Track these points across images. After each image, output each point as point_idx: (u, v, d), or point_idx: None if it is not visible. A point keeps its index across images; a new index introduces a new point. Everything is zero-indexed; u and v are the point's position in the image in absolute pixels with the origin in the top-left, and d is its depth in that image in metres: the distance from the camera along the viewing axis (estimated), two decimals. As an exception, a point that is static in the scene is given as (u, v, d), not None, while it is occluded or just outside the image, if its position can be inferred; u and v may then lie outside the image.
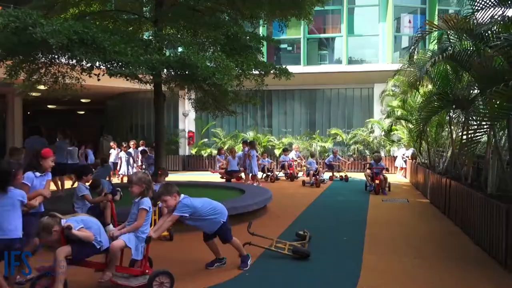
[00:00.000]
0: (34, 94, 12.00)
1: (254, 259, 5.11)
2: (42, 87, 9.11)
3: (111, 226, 5.77)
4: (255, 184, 11.96)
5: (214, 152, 18.18)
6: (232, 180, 12.71)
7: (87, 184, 6.01)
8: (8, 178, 3.75)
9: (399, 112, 13.90)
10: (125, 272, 4.08)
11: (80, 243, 3.76)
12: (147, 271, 4.07)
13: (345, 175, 14.30)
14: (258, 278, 4.53)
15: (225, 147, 16.97)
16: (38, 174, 4.45)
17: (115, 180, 12.73)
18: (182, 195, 4.39)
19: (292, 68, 9.63)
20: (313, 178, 12.65)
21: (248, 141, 13.77)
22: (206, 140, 19.27)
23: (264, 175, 14.46)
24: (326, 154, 17.03)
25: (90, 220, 3.99)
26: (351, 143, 17.87)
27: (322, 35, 18.66)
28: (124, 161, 13.22)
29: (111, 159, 13.84)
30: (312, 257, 5.12)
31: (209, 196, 6.64)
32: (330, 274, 4.65)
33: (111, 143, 14.67)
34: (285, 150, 15.41)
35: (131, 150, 13.84)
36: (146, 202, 4.14)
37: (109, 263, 3.98)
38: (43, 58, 7.32)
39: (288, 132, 19.23)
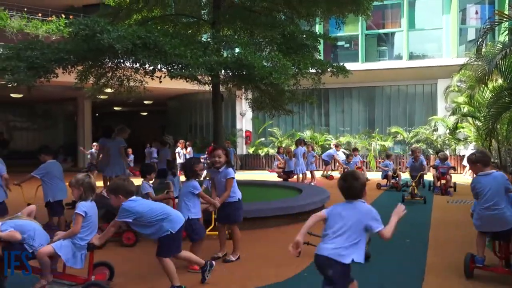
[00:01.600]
0: (101, 97, 12.75)
1: (312, 259, 5.06)
2: (109, 90, 9.63)
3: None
4: (312, 183, 11.89)
5: (271, 151, 18.27)
6: (289, 179, 12.70)
7: (150, 182, 6.26)
8: (187, 170, 4.73)
9: (465, 109, 13.18)
10: (67, 280, 3.89)
11: (9, 246, 3.69)
12: (93, 279, 3.89)
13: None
14: (317, 278, 4.48)
15: (283, 146, 16.99)
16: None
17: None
18: (133, 197, 3.92)
19: (350, 66, 9.43)
20: (392, 181, 11.43)
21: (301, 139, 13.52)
22: (263, 139, 19.41)
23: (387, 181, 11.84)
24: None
25: (27, 224, 3.90)
26: (412, 142, 17.15)
27: (381, 31, 18.09)
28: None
29: (179, 160, 13.78)
30: (373, 259, 4.98)
31: (266, 195, 6.63)
32: (392, 277, 4.50)
33: (180, 142, 14.64)
34: (355, 150, 14.02)
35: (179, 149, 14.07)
36: (81, 207, 3.85)
37: (42, 271, 3.77)
38: (110, 63, 7.73)
39: (346, 131, 18.86)
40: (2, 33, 13.28)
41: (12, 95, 16.16)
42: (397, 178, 11.54)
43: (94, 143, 13.80)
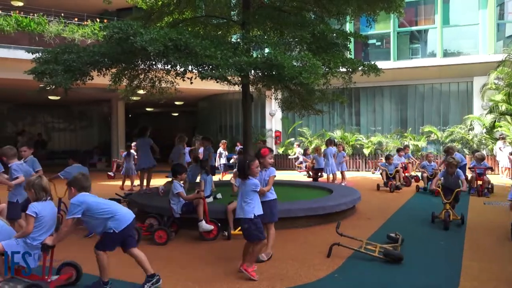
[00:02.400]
0: (134, 98, 13.03)
1: (343, 260, 5.02)
2: (141, 91, 9.85)
3: (203, 222, 6.06)
4: (343, 184, 11.75)
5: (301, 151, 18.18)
6: (319, 179, 12.60)
7: (181, 182, 6.36)
8: (245, 169, 4.58)
9: (503, 107, 12.72)
10: (24, 278, 3.93)
11: None
12: (51, 279, 3.97)
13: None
14: (347, 279, 4.44)
15: (311, 146, 16.88)
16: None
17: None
18: (84, 193, 4.01)
19: (381, 64, 9.28)
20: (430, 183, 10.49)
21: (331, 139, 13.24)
22: (292, 139, 19.33)
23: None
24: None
25: None
26: (447, 142, 16.66)
27: (414, 28, 17.68)
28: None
29: (222, 161, 13.73)
30: (405, 261, 4.88)
31: (296, 195, 6.51)
32: (426, 280, 4.39)
33: (222, 143, 14.58)
34: (399, 150, 12.88)
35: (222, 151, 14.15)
36: (32, 207, 3.89)
37: None
38: (142, 65, 7.90)
39: (377, 130, 18.52)
40: (41, 37, 13.82)
41: (50, 97, 16.76)
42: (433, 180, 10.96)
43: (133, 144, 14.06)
